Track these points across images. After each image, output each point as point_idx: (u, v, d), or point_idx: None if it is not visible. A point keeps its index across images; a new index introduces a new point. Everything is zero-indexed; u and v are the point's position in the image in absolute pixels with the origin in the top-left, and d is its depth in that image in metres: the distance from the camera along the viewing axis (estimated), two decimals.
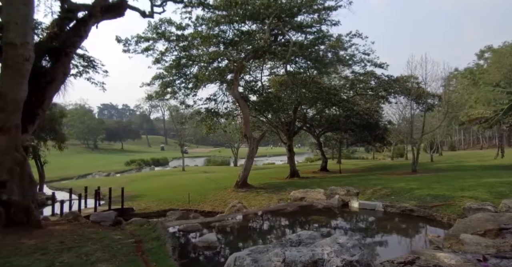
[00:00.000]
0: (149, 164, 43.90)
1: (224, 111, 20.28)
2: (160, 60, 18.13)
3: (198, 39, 16.20)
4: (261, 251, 2.99)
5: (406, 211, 7.83)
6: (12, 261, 4.53)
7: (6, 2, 6.17)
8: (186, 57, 17.38)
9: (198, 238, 6.11)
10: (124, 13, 9.44)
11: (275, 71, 23.84)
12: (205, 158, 51.98)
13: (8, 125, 6.48)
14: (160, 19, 16.75)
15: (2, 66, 6.36)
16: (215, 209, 12.84)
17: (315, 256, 2.75)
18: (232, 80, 16.18)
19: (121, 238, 5.88)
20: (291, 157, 22.97)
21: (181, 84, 17.79)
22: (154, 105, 75.95)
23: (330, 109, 26.03)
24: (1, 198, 6.37)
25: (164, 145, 77.07)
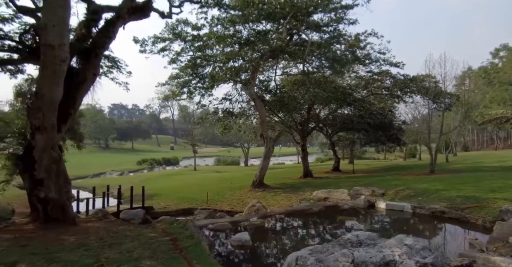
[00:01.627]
0: (160, 164, 44.39)
1: (237, 111, 20.38)
2: (175, 60, 18.36)
3: (213, 39, 16.32)
4: (321, 251, 2.99)
5: (437, 213, 7.70)
6: (61, 256, 4.66)
7: (45, 5, 6.35)
8: (201, 57, 17.53)
9: (231, 237, 6.16)
10: (150, 14, 9.58)
11: (288, 70, 23.86)
12: (215, 157, 52.21)
13: (45, 124, 6.66)
14: (176, 20, 16.93)
15: (40, 68, 6.54)
16: (234, 209, 12.91)
17: (386, 258, 2.73)
18: (249, 79, 16.23)
19: (155, 236, 5.98)
20: (305, 157, 22.89)
21: (197, 84, 17.94)
22: (164, 105, 76.82)
23: (343, 109, 25.86)
24: (39, 195, 6.56)
25: (173, 144, 77.82)
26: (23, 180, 6.87)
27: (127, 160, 48.43)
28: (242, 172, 28.31)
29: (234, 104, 19.68)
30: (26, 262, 4.37)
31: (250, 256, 5.61)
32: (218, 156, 54.80)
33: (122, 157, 55.06)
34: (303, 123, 22.66)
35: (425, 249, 2.94)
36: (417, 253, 2.84)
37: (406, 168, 25.71)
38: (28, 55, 7.92)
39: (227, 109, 19.02)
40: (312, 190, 14.55)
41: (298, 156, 46.75)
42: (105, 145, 69.06)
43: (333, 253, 2.89)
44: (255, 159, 48.54)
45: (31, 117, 6.62)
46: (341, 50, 16.48)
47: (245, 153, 40.13)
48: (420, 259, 2.73)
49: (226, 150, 57.24)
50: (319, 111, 24.76)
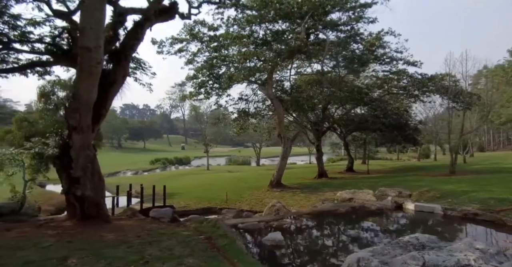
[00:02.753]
0: (172, 163, 44.93)
1: (253, 111, 20.45)
2: (192, 61, 18.58)
3: (230, 39, 16.42)
4: (382, 253, 2.98)
5: (470, 215, 7.54)
6: (106, 253, 4.80)
7: (83, 8, 6.55)
8: (217, 57, 17.67)
9: (264, 237, 6.20)
10: (175, 15, 9.73)
11: (302, 70, 23.78)
12: (226, 157, 52.51)
13: (82, 124, 6.86)
14: (194, 21, 17.12)
15: (78, 69, 6.74)
16: (253, 208, 12.96)
17: (461, 262, 2.70)
18: (266, 79, 16.27)
19: (190, 234, 6.07)
20: (320, 158, 22.79)
21: (213, 85, 18.10)
22: (175, 105, 77.72)
23: (358, 109, 25.59)
24: (76, 193, 6.76)
25: (184, 144, 78.66)
26: (60, 179, 7.10)
27: (140, 160, 49.24)
28: (255, 172, 28.38)
29: (249, 104, 19.84)
30: (75, 257, 4.52)
31: (286, 256, 5.64)
32: (228, 156, 55.11)
33: (134, 156, 56.04)
34: (318, 123, 22.55)
35: (499, 254, 2.88)
36: (492, 258, 2.78)
37: (423, 169, 25.24)
38: (62, 57, 8.15)
39: (243, 109, 19.14)
40: (331, 190, 14.49)
41: (309, 156, 46.61)
42: (118, 144, 70.40)
43: (396, 256, 2.86)
44: (265, 159, 48.58)
45: (68, 118, 6.84)
46: (360, 49, 16.31)
47: (256, 153, 40.17)
48: (498, 265, 2.68)
49: (237, 150, 57.43)
50: (334, 111, 24.57)
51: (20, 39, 9.04)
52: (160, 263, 4.46)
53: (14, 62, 10.17)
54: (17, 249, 4.79)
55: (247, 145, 74.26)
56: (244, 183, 19.00)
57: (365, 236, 6.86)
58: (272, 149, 56.44)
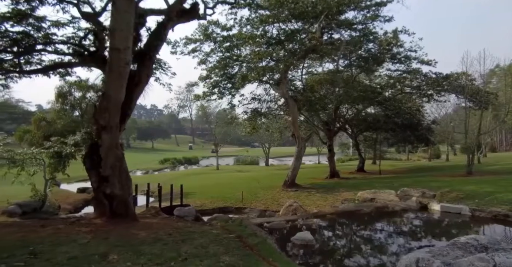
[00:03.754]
0: (181, 163, 45.25)
1: (265, 111, 20.47)
2: (205, 61, 18.71)
3: (243, 39, 16.48)
4: (442, 254, 2.95)
5: (500, 216, 7.42)
6: (144, 249, 4.88)
7: (114, 10, 6.67)
8: (230, 57, 17.75)
9: (293, 236, 6.22)
10: (196, 16, 9.82)
11: (312, 70, 23.71)
12: (234, 157, 52.62)
13: (111, 124, 6.98)
14: (208, 21, 17.24)
15: (107, 70, 6.86)
16: (269, 208, 12.97)
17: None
18: (280, 79, 16.27)
19: (220, 233, 6.13)
20: (331, 158, 22.69)
21: (226, 84, 18.19)
22: (182, 105, 78.20)
23: (370, 109, 25.39)
24: (105, 191, 6.89)
25: (192, 144, 79.18)
26: (89, 177, 7.23)
27: (149, 159, 49.75)
28: (266, 172, 28.39)
29: (262, 103, 19.86)
30: (115, 254, 4.61)
31: (319, 256, 5.65)
32: (236, 155, 55.22)
33: (144, 156, 56.59)
34: (330, 123, 22.46)
35: None
36: None
37: (436, 169, 24.89)
38: (89, 58, 8.30)
39: (256, 109, 19.18)
40: (347, 190, 14.42)
41: (318, 156, 46.38)
42: (126, 144, 71.25)
43: (458, 257, 2.83)
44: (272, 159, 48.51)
45: (98, 117, 6.96)
46: (375, 48, 16.18)
47: (265, 153, 40.19)
48: None
49: (245, 150, 57.51)
50: (346, 111, 24.44)
51: (44, 41, 9.25)
52: (198, 260, 4.51)
53: (37, 63, 10.41)
54: (58, 245, 4.90)
55: (254, 145, 74.41)
56: (256, 183, 19.01)
57: (398, 237, 6.81)
58: (280, 149, 56.39)
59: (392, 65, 20.83)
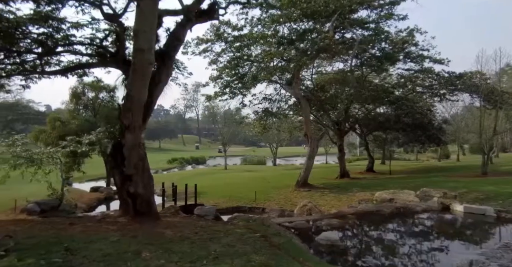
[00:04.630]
0: (189, 163, 45.51)
1: (275, 111, 20.48)
2: (216, 61, 18.79)
3: (254, 39, 16.50)
4: (496, 256, 2.91)
5: None
6: (173, 248, 4.94)
7: (138, 12, 6.75)
8: (240, 57, 17.78)
9: (318, 236, 6.21)
10: (215, 16, 9.88)
11: (321, 69, 23.60)
12: (241, 157, 52.72)
13: (134, 124, 7.08)
14: (219, 21, 17.31)
15: (131, 70, 6.95)
16: (283, 208, 12.95)
17: None
18: (292, 78, 16.25)
19: (244, 232, 6.16)
20: (342, 158, 22.60)
21: (237, 84, 18.24)
22: (189, 105, 78.65)
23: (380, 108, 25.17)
24: (129, 190, 6.98)
25: (198, 144, 79.59)
26: (113, 176, 7.33)
27: (157, 159, 50.07)
28: (275, 172, 28.38)
29: (273, 103, 19.88)
30: (147, 252, 4.67)
31: (347, 257, 5.63)
32: (243, 155, 55.29)
33: (151, 156, 56.41)
34: (340, 123, 22.34)
35: None
36: None
37: (448, 170, 24.56)
38: (112, 59, 8.41)
39: (267, 109, 19.20)
40: (361, 190, 14.33)
41: (326, 156, 46.15)
42: None
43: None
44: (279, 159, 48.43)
45: (122, 117, 7.05)
46: (388, 47, 16.03)
47: (273, 153, 40.18)
48: None
49: (251, 150, 57.52)
50: (357, 110, 24.28)
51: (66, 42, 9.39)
52: (228, 259, 4.54)
53: (56, 64, 10.59)
54: (90, 242, 4.99)
55: (260, 145, 74.39)
56: (267, 183, 19.03)
57: (428, 238, 6.72)
58: (286, 149, 56.27)
59: (403, 64, 20.66)
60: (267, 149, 56.57)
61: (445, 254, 5.58)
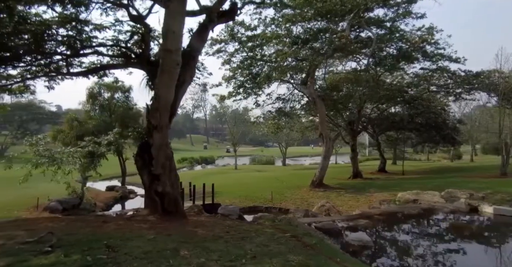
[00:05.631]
0: (198, 162, 45.79)
1: (288, 110, 20.45)
2: (229, 62, 18.87)
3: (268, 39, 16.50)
4: None
5: None
6: (210, 246, 4.98)
7: (167, 13, 6.84)
8: (253, 57, 17.81)
9: (349, 236, 6.19)
10: (235, 17, 9.93)
11: (333, 69, 23.46)
12: (249, 157, 52.77)
13: (161, 124, 7.17)
14: (233, 21, 17.36)
15: (159, 71, 7.04)
16: (299, 208, 12.94)
17: None
18: (307, 78, 16.21)
19: (274, 232, 6.18)
20: (355, 158, 22.43)
21: (251, 84, 18.27)
22: (197, 106, 79.14)
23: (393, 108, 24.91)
24: (157, 189, 7.07)
25: (206, 144, 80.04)
26: (140, 176, 7.43)
27: None
28: (286, 172, 28.35)
29: (286, 103, 19.86)
30: (185, 250, 4.73)
31: (382, 258, 5.59)
32: (251, 155, 55.35)
33: None
34: (353, 123, 22.18)
35: None
36: None
37: (464, 170, 24.14)
38: (136, 60, 8.53)
39: (280, 109, 19.20)
40: (378, 191, 14.21)
41: (335, 156, 45.85)
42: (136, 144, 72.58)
43: None
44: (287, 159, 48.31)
45: (150, 117, 7.15)
46: (405, 46, 15.83)
47: (282, 153, 40.15)
48: None
49: (259, 150, 57.58)
50: (371, 110, 24.07)
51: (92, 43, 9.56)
52: (267, 258, 4.56)
53: (78, 65, 10.79)
54: (127, 240, 5.07)
55: (268, 145, 74.35)
56: (280, 183, 19.01)
57: (461, 240, 6.60)
58: (295, 149, 56.12)
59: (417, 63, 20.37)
60: (275, 149, 56.48)
61: (489, 256, 5.49)
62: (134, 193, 20.22)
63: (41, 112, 50.82)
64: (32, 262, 4.00)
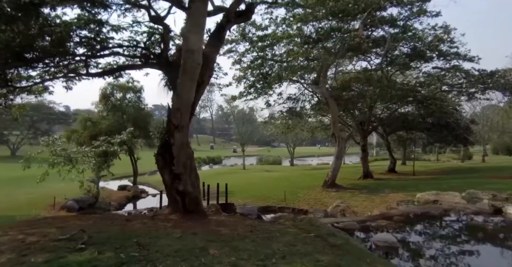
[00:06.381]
0: (206, 162, 45.96)
1: (298, 110, 20.40)
2: (239, 62, 18.91)
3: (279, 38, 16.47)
4: None
5: None
6: (237, 246, 4.99)
7: (190, 13, 6.89)
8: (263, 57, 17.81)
9: (374, 237, 6.14)
10: (252, 16, 9.95)
11: (342, 68, 23.31)
12: (256, 157, 52.79)
13: (182, 123, 7.22)
14: None
15: (181, 71, 7.09)
16: (313, 208, 12.88)
17: None
18: (318, 78, 16.14)
19: (297, 232, 6.16)
20: (365, 158, 22.29)
21: (263, 84, 18.27)
22: (203, 106, 79.49)
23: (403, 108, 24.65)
24: (178, 188, 7.12)
25: (213, 144, 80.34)
26: (161, 175, 7.49)
27: None
28: (295, 172, 28.28)
29: (296, 103, 19.81)
30: (214, 248, 4.74)
31: (412, 260, 5.51)
32: (258, 155, 55.36)
33: None
34: (364, 123, 22.02)
35: None
36: None
37: (477, 171, 23.73)
38: (156, 60, 8.61)
39: (291, 108, 19.17)
40: (393, 191, 14.05)
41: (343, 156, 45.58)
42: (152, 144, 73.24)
43: None
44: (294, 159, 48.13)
45: (172, 117, 7.21)
46: (420, 45, 15.66)
47: (290, 153, 40.08)
48: None
49: (266, 150, 57.56)
50: (382, 110, 23.87)
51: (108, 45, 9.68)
52: (297, 258, 4.55)
53: (94, 66, 10.93)
54: (156, 238, 5.12)
55: (274, 145, 74.22)
56: (291, 183, 18.99)
57: (491, 243, 6.43)
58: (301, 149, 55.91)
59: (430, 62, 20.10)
60: (281, 149, 56.32)
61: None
62: (145, 192, 20.43)
63: (51, 112, 51.64)
64: (69, 258, 4.07)
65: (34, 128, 50.66)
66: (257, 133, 38.10)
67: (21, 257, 4.09)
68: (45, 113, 50.55)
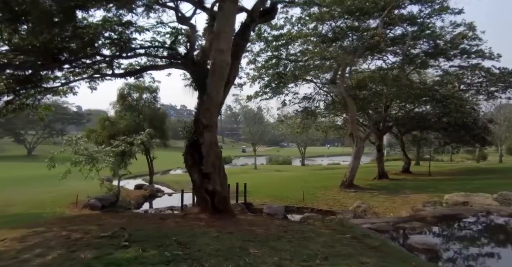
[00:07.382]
0: None
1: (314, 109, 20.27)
2: (254, 61, 18.90)
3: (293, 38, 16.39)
4: None
5: None
6: (276, 246, 4.97)
7: (220, 13, 6.92)
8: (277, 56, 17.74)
9: (412, 239, 6.01)
10: (275, 16, 9.92)
11: (357, 67, 23.03)
12: (265, 156, 52.74)
13: (211, 123, 7.26)
14: None
15: (210, 71, 7.13)
16: (332, 208, 12.80)
17: None
18: (336, 77, 16.00)
19: (331, 233, 6.11)
20: (380, 158, 21.96)
21: (279, 84, 18.22)
22: None
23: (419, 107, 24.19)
24: (207, 188, 7.15)
25: (222, 144, 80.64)
26: (190, 174, 7.54)
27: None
28: (307, 172, 28.12)
29: (311, 103, 19.69)
30: (253, 248, 4.74)
31: (454, 263, 5.36)
32: (267, 155, 55.31)
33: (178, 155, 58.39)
34: (380, 122, 21.71)
35: None
36: None
37: (497, 171, 23.12)
38: (182, 61, 8.66)
39: (306, 108, 19.07)
40: (413, 192, 13.80)
41: None
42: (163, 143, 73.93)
43: None
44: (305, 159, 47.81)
45: (201, 117, 7.24)
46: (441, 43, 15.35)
47: (301, 153, 39.89)
48: None
49: (275, 150, 57.49)
50: (398, 109, 23.50)
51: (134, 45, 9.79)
52: (339, 259, 4.50)
53: (117, 67, 11.08)
54: (193, 237, 5.15)
55: (282, 145, 73.99)
56: (306, 183, 18.86)
57: None
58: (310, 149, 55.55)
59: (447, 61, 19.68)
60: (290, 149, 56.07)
61: None
62: (161, 192, 20.63)
63: (66, 112, 52.71)
64: (116, 255, 4.13)
65: (50, 128, 51.84)
66: (268, 133, 38.02)
67: (70, 253, 4.18)
68: (60, 113, 51.64)
